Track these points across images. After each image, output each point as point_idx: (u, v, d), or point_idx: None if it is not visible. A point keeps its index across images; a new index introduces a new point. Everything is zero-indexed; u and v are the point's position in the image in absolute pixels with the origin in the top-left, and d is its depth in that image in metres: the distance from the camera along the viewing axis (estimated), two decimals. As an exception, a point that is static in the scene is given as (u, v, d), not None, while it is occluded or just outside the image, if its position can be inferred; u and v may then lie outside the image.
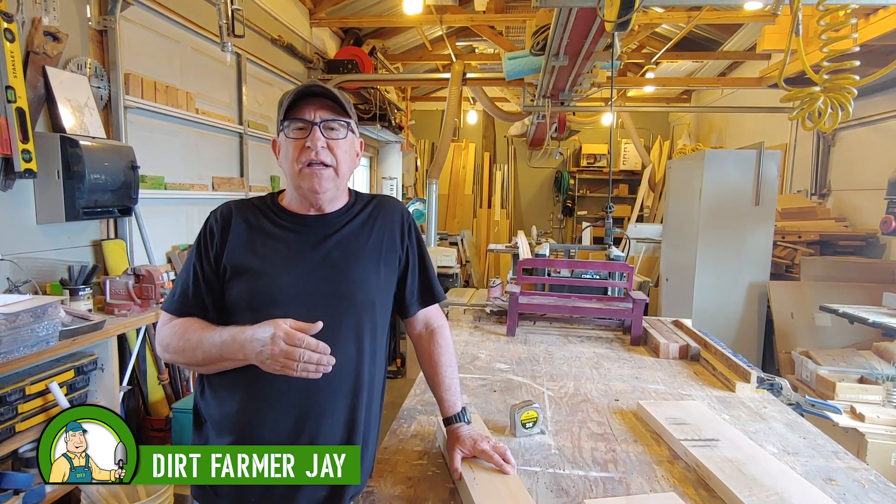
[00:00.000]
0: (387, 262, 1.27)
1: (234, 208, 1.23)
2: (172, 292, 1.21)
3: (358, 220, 1.25)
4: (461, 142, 9.63)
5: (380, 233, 1.27)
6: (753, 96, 6.20)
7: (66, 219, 2.41)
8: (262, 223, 1.20)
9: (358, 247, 1.23)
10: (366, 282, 1.21)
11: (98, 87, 2.75)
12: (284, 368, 0.98)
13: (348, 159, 1.19)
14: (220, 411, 1.16)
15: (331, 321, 1.10)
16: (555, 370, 2.07)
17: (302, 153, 1.13)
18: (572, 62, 3.70)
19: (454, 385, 1.34)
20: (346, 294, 1.18)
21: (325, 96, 1.15)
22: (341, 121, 1.17)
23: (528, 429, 1.48)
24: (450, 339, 1.38)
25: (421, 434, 1.48)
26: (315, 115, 1.14)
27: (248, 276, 1.15)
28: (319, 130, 1.13)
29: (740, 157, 3.82)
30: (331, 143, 1.15)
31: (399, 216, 1.32)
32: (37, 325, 1.87)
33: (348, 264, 1.19)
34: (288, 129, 1.15)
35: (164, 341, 1.16)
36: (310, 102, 1.14)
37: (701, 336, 2.44)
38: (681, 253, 4.29)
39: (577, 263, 2.78)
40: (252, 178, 4.42)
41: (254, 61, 4.48)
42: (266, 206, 1.24)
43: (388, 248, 1.27)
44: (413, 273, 1.33)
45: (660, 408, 1.61)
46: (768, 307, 3.80)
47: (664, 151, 8.50)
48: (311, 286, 1.15)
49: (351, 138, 1.20)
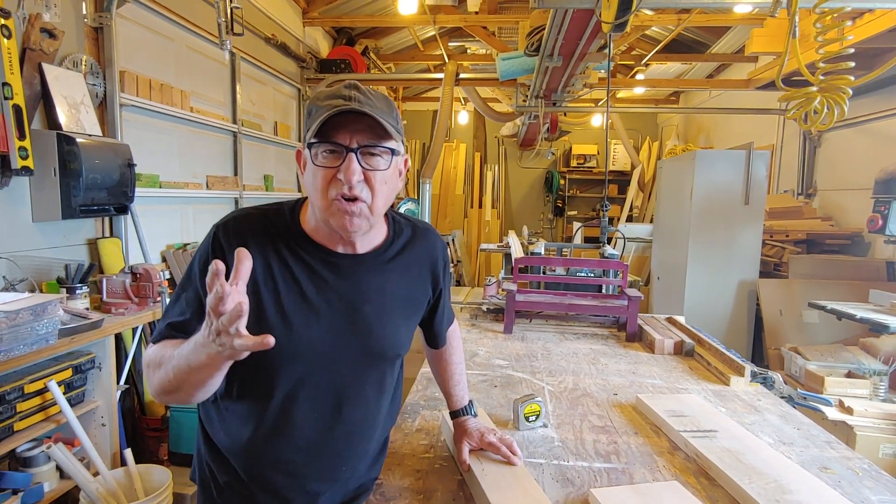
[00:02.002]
0: (418, 309, 1.19)
1: (249, 233, 0.99)
2: (161, 326, 1.00)
3: (395, 265, 1.10)
4: (452, 142, 9.65)
5: (417, 279, 1.16)
6: (741, 98, 6.30)
7: (63, 217, 2.40)
8: (284, 257, 1.00)
9: (393, 299, 1.10)
10: (397, 336, 1.11)
11: (94, 85, 2.73)
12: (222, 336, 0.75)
13: (388, 191, 0.99)
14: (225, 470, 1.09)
15: (357, 377, 1.07)
16: (553, 366, 2.09)
17: (332, 185, 0.93)
18: (566, 63, 3.74)
19: (462, 380, 1.36)
20: (377, 351, 1.08)
21: (367, 115, 0.92)
22: (384, 146, 0.96)
23: (531, 422, 1.50)
24: (459, 337, 1.41)
25: (426, 428, 1.50)
26: (352, 139, 0.93)
27: (266, 326, 0.96)
28: (357, 159, 0.93)
29: (730, 158, 3.89)
30: (369, 174, 0.95)
31: (438, 254, 1.20)
32: (36, 323, 1.86)
33: (382, 320, 1.07)
34: (318, 150, 0.94)
35: (150, 379, 0.94)
36: (347, 121, 0.93)
37: (695, 332, 2.48)
38: (672, 252, 4.35)
39: (573, 261, 2.82)
40: (246, 178, 4.41)
41: (248, 60, 4.47)
42: (287, 230, 1.03)
43: (422, 293, 1.18)
44: (440, 309, 1.27)
45: (658, 401, 1.64)
46: (757, 304, 3.87)
47: (653, 152, 8.59)
48: (341, 342, 1.03)
49: (395, 164, 1.00)
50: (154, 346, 0.96)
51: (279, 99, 5.26)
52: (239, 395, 1.04)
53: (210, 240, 0.99)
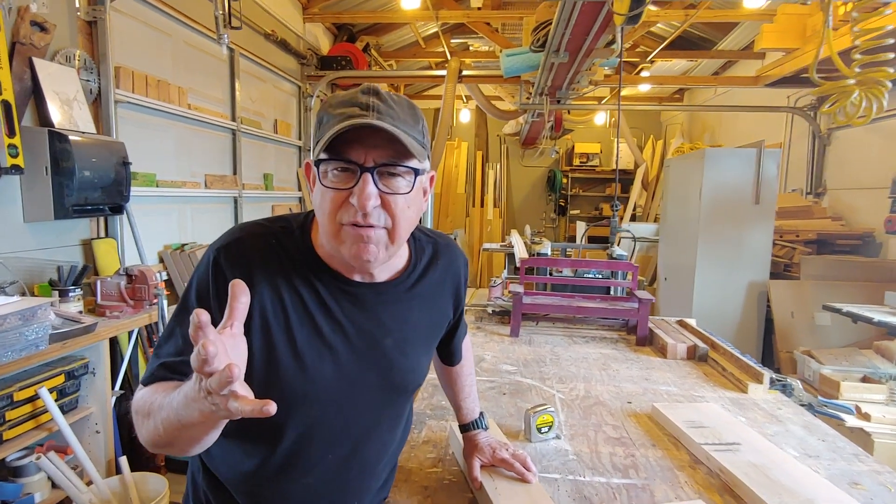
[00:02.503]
0: (439, 334, 1.11)
1: (253, 256, 0.86)
2: (152, 365, 0.85)
3: (418, 293, 1.00)
4: (454, 140, 9.58)
5: (440, 302, 1.06)
6: (747, 95, 6.22)
7: (56, 217, 2.32)
8: (295, 286, 0.87)
9: (416, 329, 1.01)
10: (419, 368, 1.03)
11: (87, 81, 2.65)
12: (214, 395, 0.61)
13: (411, 216, 0.86)
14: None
15: (375, 414, 0.99)
16: (563, 372, 2.03)
17: (343, 209, 0.81)
18: (572, 59, 3.66)
19: (473, 392, 1.29)
20: (397, 386, 1.00)
21: (386, 129, 0.78)
22: (407, 166, 0.82)
23: (544, 434, 1.43)
24: (470, 346, 1.33)
25: (433, 440, 1.43)
26: (368, 157, 0.79)
27: (277, 365, 0.86)
28: (373, 180, 0.79)
29: (740, 156, 3.81)
30: (388, 198, 0.81)
31: (461, 273, 1.11)
32: (25, 328, 1.78)
33: (404, 353, 0.98)
34: (326, 171, 0.81)
35: (139, 428, 0.81)
36: (363, 134, 0.78)
37: (708, 336, 2.41)
38: (680, 252, 4.28)
39: (581, 263, 2.74)
40: (245, 176, 4.33)
41: (247, 56, 4.39)
42: (298, 252, 0.90)
43: (444, 317, 1.09)
44: (458, 329, 1.19)
45: (676, 410, 1.57)
46: (768, 306, 3.80)
47: (657, 151, 8.51)
48: (359, 381, 0.93)
49: (420, 184, 0.86)
50: (144, 389, 0.82)
51: (279, 96, 5.18)
52: (242, 435, 0.93)
53: (210, 266, 0.85)
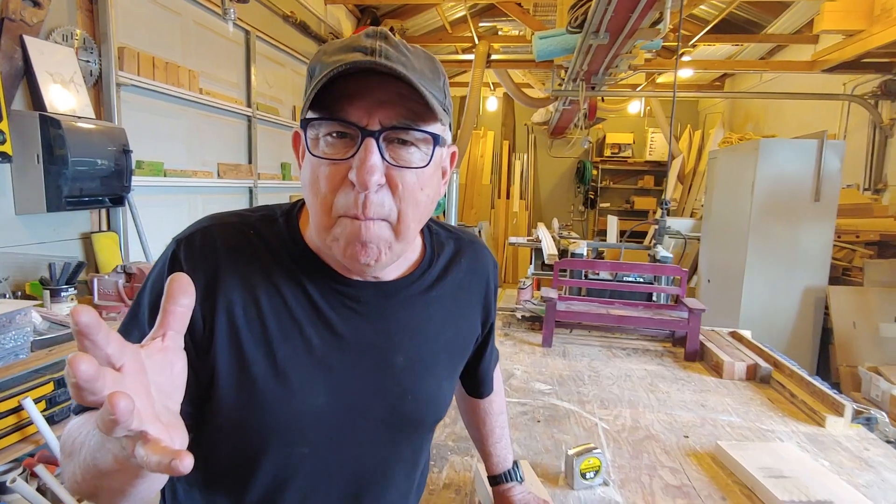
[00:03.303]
0: (464, 353, 0.85)
1: (223, 250, 0.66)
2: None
3: (437, 295, 0.76)
4: (480, 129, 9.27)
5: (465, 312, 0.82)
6: (797, 82, 5.77)
7: (48, 209, 2.14)
8: (278, 286, 0.66)
9: (435, 344, 0.76)
10: (440, 395, 0.78)
11: (87, 62, 2.45)
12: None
13: (425, 201, 0.65)
14: None
15: (383, 457, 0.74)
16: (604, 393, 1.78)
17: (342, 192, 0.60)
18: (612, 40, 3.35)
19: (506, 435, 1.03)
20: (413, 420, 0.75)
21: (399, 77, 0.57)
22: (424, 131, 0.61)
23: (589, 479, 1.19)
24: (501, 379, 1.06)
25: (456, 483, 1.20)
26: (372, 116, 0.58)
27: (252, 390, 0.64)
28: (378, 150, 0.59)
29: (799, 148, 3.44)
30: (396, 173, 0.61)
31: (490, 277, 0.86)
32: (2, 336, 1.60)
33: (419, 375, 0.74)
34: (317, 137, 0.61)
35: (63, 470, 0.58)
36: (367, 86, 0.58)
37: (769, 353, 2.12)
38: (726, 252, 3.93)
39: (623, 266, 2.46)
40: (261, 166, 4.13)
41: (263, 39, 4.16)
42: (281, 243, 0.69)
43: (470, 331, 0.84)
44: (487, 349, 0.93)
45: (746, 452, 1.32)
46: (826, 314, 3.45)
47: (694, 142, 8.07)
48: (362, 411, 0.70)
49: (438, 159, 0.66)
50: (73, 420, 0.60)
51: (298, 81, 4.96)
52: (206, 482, 0.71)
53: (167, 262, 0.66)
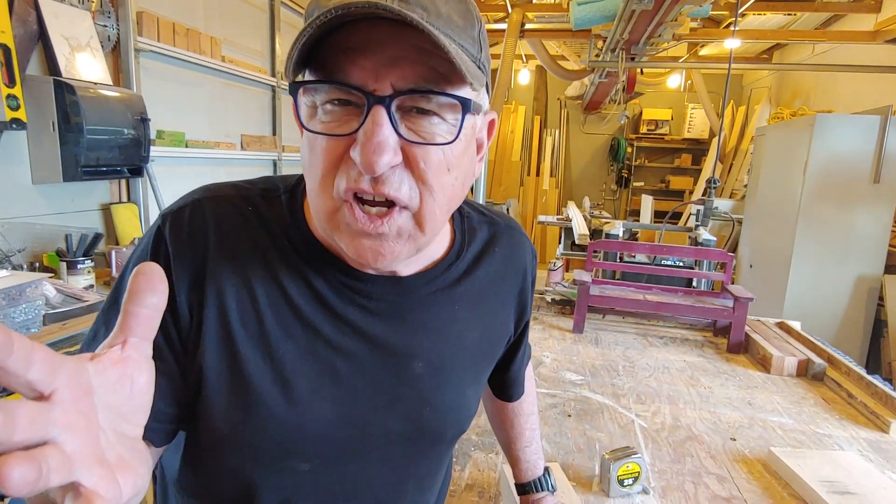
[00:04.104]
0: (493, 356, 0.73)
1: (216, 228, 0.55)
2: None
3: (465, 291, 0.65)
4: (510, 104, 9.00)
5: (496, 310, 0.70)
6: (854, 53, 5.35)
7: (64, 179, 2.08)
8: (279, 279, 0.56)
9: (461, 347, 0.65)
10: (463, 405, 0.66)
11: (105, 26, 2.37)
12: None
13: (456, 185, 0.53)
14: None
15: (397, 474, 0.65)
16: (641, 386, 1.66)
17: (342, 173, 0.49)
18: (657, 5, 3.10)
19: (536, 439, 0.92)
20: (431, 435, 0.65)
21: (413, 26, 0.42)
22: (452, 95, 0.47)
23: (627, 487, 1.08)
24: (532, 377, 0.95)
25: (479, 483, 1.11)
26: (381, 78, 0.46)
27: (249, 394, 0.54)
28: (390, 121, 0.46)
29: (859, 124, 3.16)
30: (415, 151, 0.48)
31: (528, 268, 0.74)
32: (12, 309, 1.55)
33: (441, 384, 0.63)
34: (314, 105, 0.50)
35: None
36: (375, 37, 0.45)
37: (822, 347, 1.95)
38: (772, 236, 3.69)
39: (662, 249, 2.29)
40: (286, 138, 4.04)
41: (288, 6, 4.03)
42: (283, 227, 0.58)
43: (502, 331, 0.73)
44: (520, 350, 0.82)
45: (803, 461, 1.19)
46: (880, 305, 3.21)
47: (737, 118, 7.66)
48: (375, 424, 0.60)
49: (470, 129, 0.52)
50: None
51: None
52: (202, 484, 0.62)
53: (151, 240, 0.54)
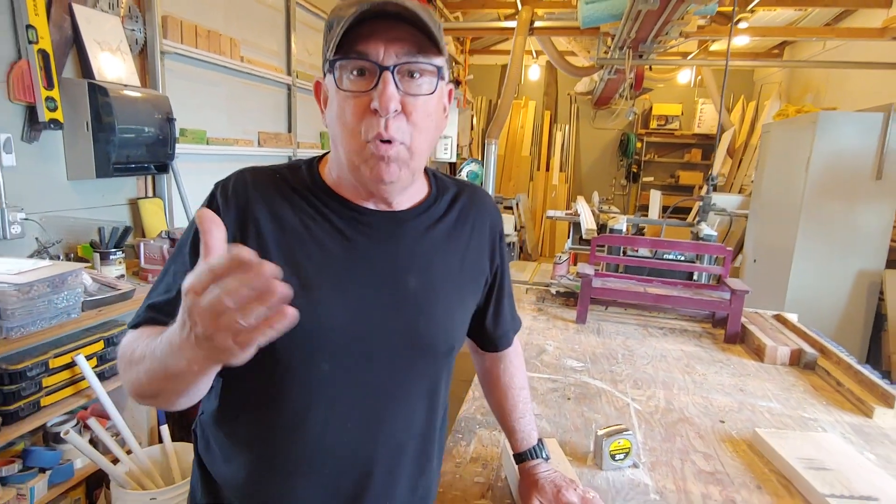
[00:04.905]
0: (474, 289, 0.91)
1: (253, 187, 0.77)
2: (142, 309, 0.76)
3: (443, 228, 0.85)
4: (521, 99, 9.06)
5: (471, 246, 0.88)
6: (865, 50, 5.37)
7: (97, 175, 2.21)
8: (300, 211, 0.77)
9: (444, 270, 0.83)
10: (451, 322, 0.84)
11: (132, 30, 2.50)
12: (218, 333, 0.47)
13: (432, 127, 0.76)
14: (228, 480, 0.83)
15: (400, 378, 0.80)
16: (638, 373, 1.76)
17: (366, 120, 0.70)
18: (664, 4, 3.18)
19: (528, 411, 1.05)
20: (427, 343, 0.81)
21: (406, 19, 0.69)
22: (430, 63, 0.73)
23: (619, 461, 1.18)
24: (521, 354, 1.09)
25: (483, 457, 1.21)
26: (387, 52, 0.70)
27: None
28: (393, 80, 0.69)
29: (862, 122, 3.21)
30: (409, 101, 0.71)
31: (491, 219, 0.93)
32: (55, 295, 1.68)
33: (431, 299, 0.81)
34: (343, 73, 0.71)
35: (122, 376, 0.69)
36: (379, 28, 0.69)
37: (815, 338, 2.04)
38: (775, 231, 3.76)
39: (663, 243, 2.38)
40: (301, 135, 4.16)
41: (304, 7, 4.14)
42: (304, 184, 0.79)
43: (479, 269, 0.91)
44: (500, 298, 0.99)
45: (786, 441, 1.28)
46: (880, 299, 3.27)
47: (747, 114, 7.66)
48: (379, 328, 0.77)
49: (440, 90, 0.76)
50: (130, 333, 0.73)
51: (338, 50, 4.94)
52: (233, 404, 0.80)
53: (207, 201, 0.78)
